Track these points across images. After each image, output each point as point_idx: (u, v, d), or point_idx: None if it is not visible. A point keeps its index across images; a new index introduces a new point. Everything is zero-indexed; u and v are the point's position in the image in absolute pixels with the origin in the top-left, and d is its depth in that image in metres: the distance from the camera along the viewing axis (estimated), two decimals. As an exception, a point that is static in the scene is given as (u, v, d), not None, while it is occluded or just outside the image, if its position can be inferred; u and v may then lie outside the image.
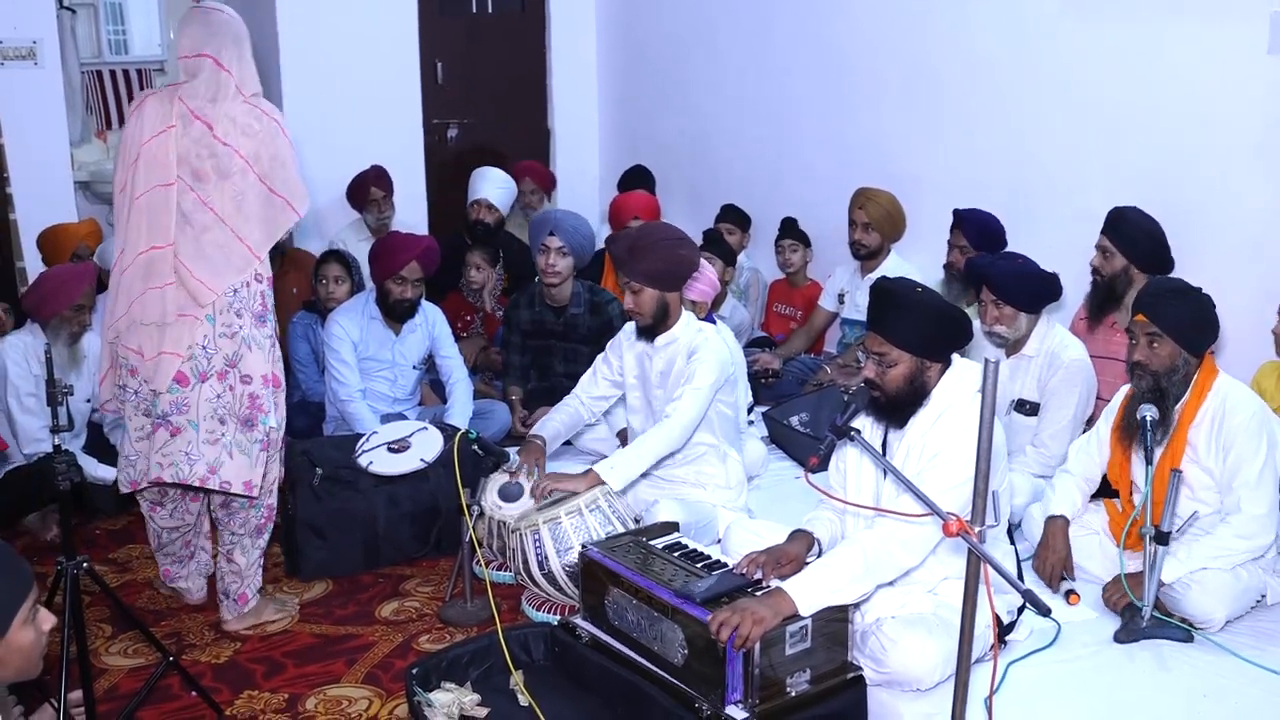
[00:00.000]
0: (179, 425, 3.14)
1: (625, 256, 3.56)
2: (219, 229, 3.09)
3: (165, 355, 3.11)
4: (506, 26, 7.03)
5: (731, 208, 5.83)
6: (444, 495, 3.85)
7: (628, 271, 3.56)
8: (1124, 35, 4.28)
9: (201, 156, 3.06)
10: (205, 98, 3.08)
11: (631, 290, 3.58)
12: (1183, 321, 3.14)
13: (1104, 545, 3.41)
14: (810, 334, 5.45)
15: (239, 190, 3.09)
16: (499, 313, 5.50)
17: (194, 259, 3.08)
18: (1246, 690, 2.83)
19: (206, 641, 3.38)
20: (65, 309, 4.02)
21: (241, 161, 3.08)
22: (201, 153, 3.06)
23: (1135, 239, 3.91)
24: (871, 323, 2.86)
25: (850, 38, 5.48)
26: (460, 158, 6.82)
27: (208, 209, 3.07)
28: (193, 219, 3.07)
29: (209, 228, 3.08)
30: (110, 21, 6.18)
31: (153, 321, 3.10)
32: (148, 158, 3.07)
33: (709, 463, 3.75)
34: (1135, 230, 3.91)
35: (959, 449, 2.70)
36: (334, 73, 6.13)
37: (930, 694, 2.75)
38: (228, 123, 3.08)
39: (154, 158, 3.06)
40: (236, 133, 3.09)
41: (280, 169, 3.15)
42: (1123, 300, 3.94)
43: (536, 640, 3.09)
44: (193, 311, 3.10)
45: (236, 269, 3.12)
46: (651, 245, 3.55)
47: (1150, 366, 3.15)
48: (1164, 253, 3.93)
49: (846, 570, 2.68)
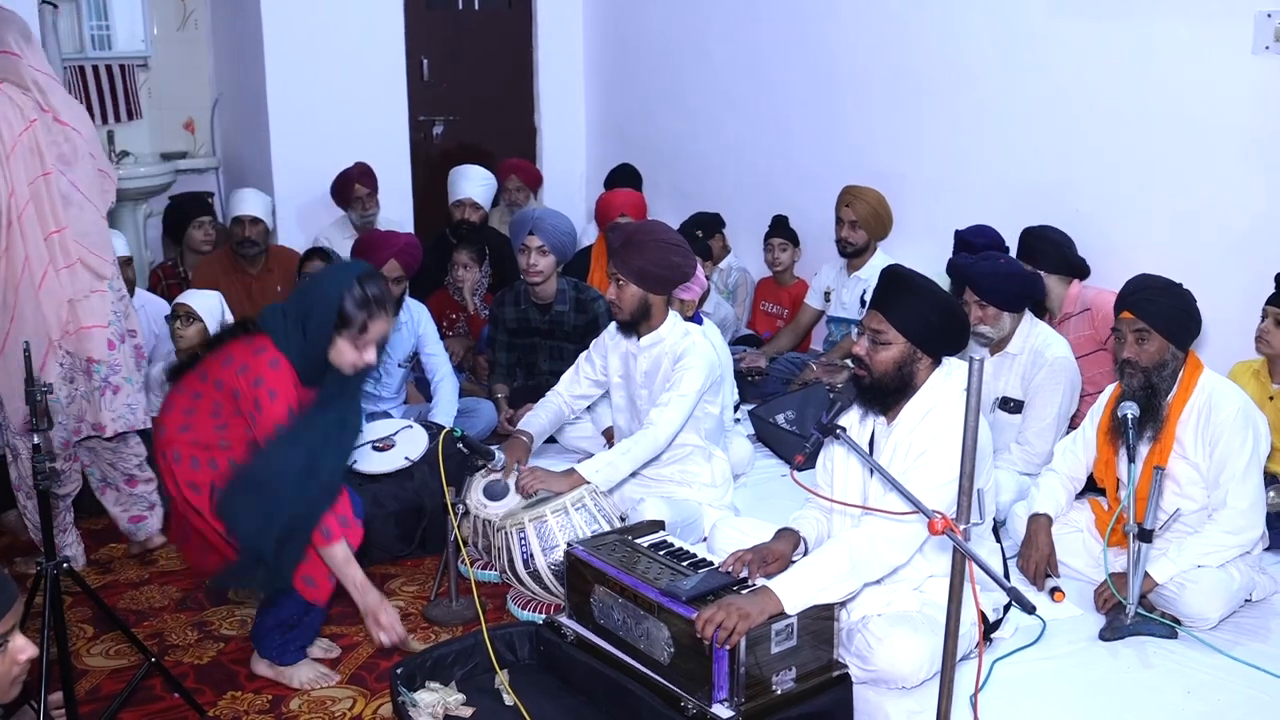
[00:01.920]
0: (118, 384, 3.55)
1: (619, 248, 3.54)
2: (88, 206, 3.35)
3: (89, 329, 3.42)
4: (493, 23, 7.01)
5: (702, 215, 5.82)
6: (429, 494, 3.84)
7: (618, 264, 3.54)
8: (1110, 35, 4.30)
9: (58, 143, 3.27)
10: (28, 85, 3.23)
11: (617, 283, 3.57)
12: (1169, 316, 3.15)
13: (1088, 543, 3.42)
14: (797, 332, 5.45)
15: (88, 170, 3.35)
16: (484, 313, 5.49)
17: (84, 236, 3.35)
18: (1230, 686, 2.84)
19: (189, 642, 3.36)
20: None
21: (81, 140, 3.31)
22: (58, 139, 3.27)
23: (1044, 252, 4.22)
24: (875, 301, 2.87)
25: (837, 36, 5.48)
26: (446, 155, 6.80)
27: (76, 190, 3.31)
28: (71, 200, 3.31)
29: (83, 207, 3.33)
30: (93, 17, 6.11)
31: (67, 298, 3.35)
32: (21, 152, 3.21)
33: (694, 462, 3.75)
34: (1041, 243, 4.24)
35: (945, 447, 2.70)
36: (319, 68, 6.11)
37: (916, 691, 2.75)
38: (63, 106, 3.28)
39: (29, 151, 3.22)
40: (70, 113, 3.30)
41: (96, 145, 3.42)
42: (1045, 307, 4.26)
43: (522, 639, 3.08)
44: (99, 286, 3.42)
45: (110, 241, 3.48)
46: (647, 244, 3.54)
47: (1140, 363, 3.16)
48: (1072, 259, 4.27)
49: (833, 569, 2.68)
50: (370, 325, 2.84)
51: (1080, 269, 4.29)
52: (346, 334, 2.82)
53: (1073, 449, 3.48)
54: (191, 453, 2.87)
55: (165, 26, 6.57)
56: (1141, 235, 4.26)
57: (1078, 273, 4.28)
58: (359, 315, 2.82)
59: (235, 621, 3.49)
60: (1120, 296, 3.26)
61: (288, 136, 6.13)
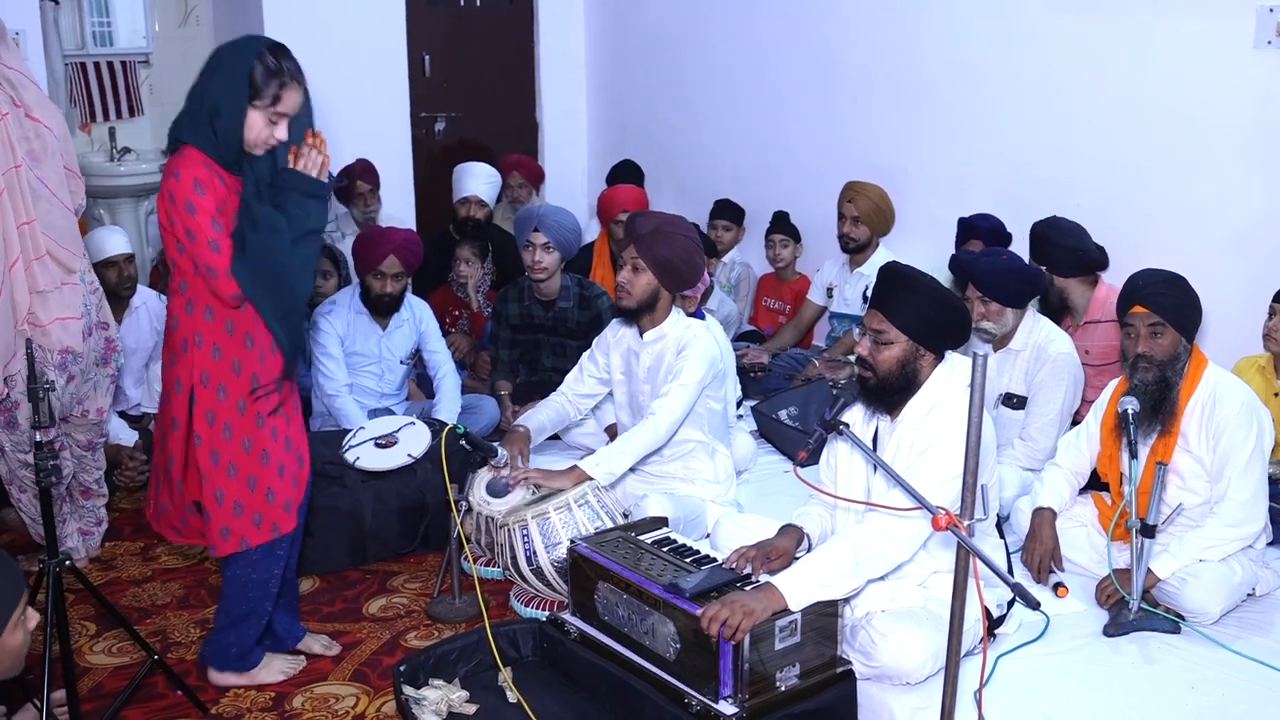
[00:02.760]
0: (74, 373, 3.49)
1: (647, 235, 3.53)
2: (55, 203, 3.33)
3: (63, 320, 3.38)
4: (494, 19, 7.00)
5: (727, 203, 5.82)
6: (432, 491, 3.84)
7: (642, 249, 3.52)
8: (1110, 30, 4.29)
9: (29, 138, 3.26)
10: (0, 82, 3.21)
11: (634, 268, 3.55)
12: (1178, 308, 3.16)
13: (1092, 538, 3.42)
14: (799, 328, 5.44)
15: (56, 167, 3.33)
16: (486, 310, 5.49)
17: (52, 229, 3.34)
18: (1233, 681, 2.84)
19: (191, 639, 3.36)
20: None
21: (52, 138, 3.30)
22: (29, 134, 3.26)
23: (1055, 257, 4.13)
24: (875, 301, 2.86)
25: (838, 31, 5.47)
26: (448, 151, 6.79)
27: (45, 186, 3.29)
28: (40, 195, 3.30)
29: (50, 203, 3.32)
30: (95, 13, 6.11)
31: (41, 290, 3.34)
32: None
33: (697, 458, 3.74)
34: (1051, 247, 4.14)
35: (949, 443, 2.70)
36: (320, 65, 5.99)
37: (920, 688, 2.75)
38: (35, 103, 3.25)
39: (1, 143, 3.20)
40: (43, 110, 3.28)
41: (68, 145, 3.40)
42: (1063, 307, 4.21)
43: (525, 636, 3.08)
44: (69, 279, 3.39)
45: (78, 236, 3.43)
46: (677, 237, 3.54)
47: (1156, 357, 3.16)
48: (1087, 257, 4.16)
49: (836, 565, 2.68)
50: (283, 95, 2.67)
51: (1097, 261, 4.19)
52: (259, 105, 2.66)
53: (1076, 444, 3.47)
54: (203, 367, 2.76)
55: (166, 23, 6.56)
56: (1143, 230, 4.26)
57: (1097, 266, 4.20)
58: (271, 84, 2.65)
59: (238, 618, 3.49)
60: (1127, 291, 3.25)
61: (289, 133, 6.11)
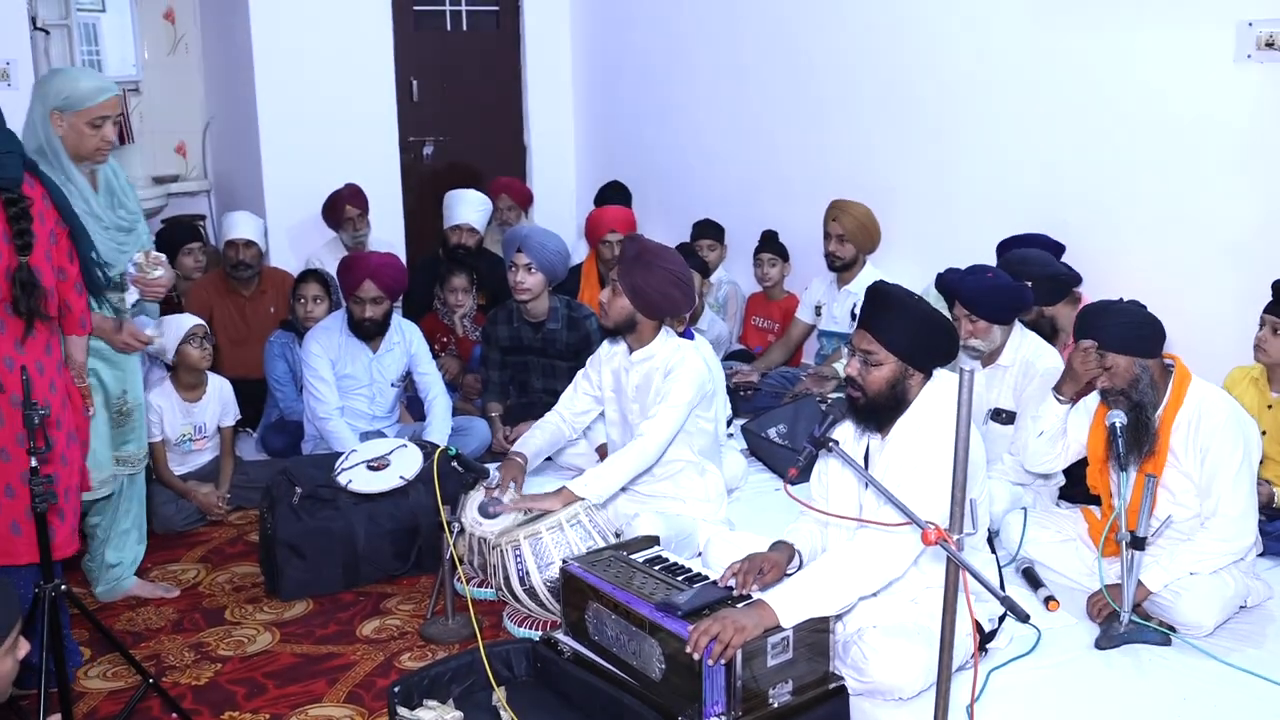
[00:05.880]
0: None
1: (629, 260, 3.56)
2: None
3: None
4: (482, 43, 7.05)
5: (708, 222, 5.85)
6: (424, 512, 3.85)
7: (621, 273, 3.56)
8: (1094, 44, 4.34)
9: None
10: None
11: (614, 290, 3.59)
12: (1122, 333, 3.17)
13: (1081, 552, 3.44)
14: (788, 346, 5.47)
15: None
16: (473, 335, 5.51)
17: None
18: (1225, 693, 2.85)
19: (187, 663, 3.36)
20: None
21: None
22: None
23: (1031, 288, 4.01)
24: (863, 321, 2.87)
25: (823, 51, 5.52)
26: (437, 175, 6.82)
27: None
28: None
29: None
30: (85, 42, 6.13)
31: None
32: None
33: (688, 477, 3.75)
34: (1028, 280, 4.02)
35: (938, 459, 2.71)
36: (309, 90, 6.13)
37: (912, 703, 2.76)
38: None
39: None
40: None
41: None
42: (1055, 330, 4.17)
43: (518, 656, 3.08)
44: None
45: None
46: (655, 268, 3.54)
47: (1115, 385, 3.19)
48: (1062, 279, 4.11)
49: (828, 581, 2.70)
50: None
51: (1071, 279, 4.21)
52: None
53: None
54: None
55: (156, 51, 6.60)
56: (1129, 244, 4.30)
57: (1073, 284, 4.21)
58: None
59: (233, 642, 3.49)
60: (1077, 328, 3.30)
61: (279, 158, 6.14)
